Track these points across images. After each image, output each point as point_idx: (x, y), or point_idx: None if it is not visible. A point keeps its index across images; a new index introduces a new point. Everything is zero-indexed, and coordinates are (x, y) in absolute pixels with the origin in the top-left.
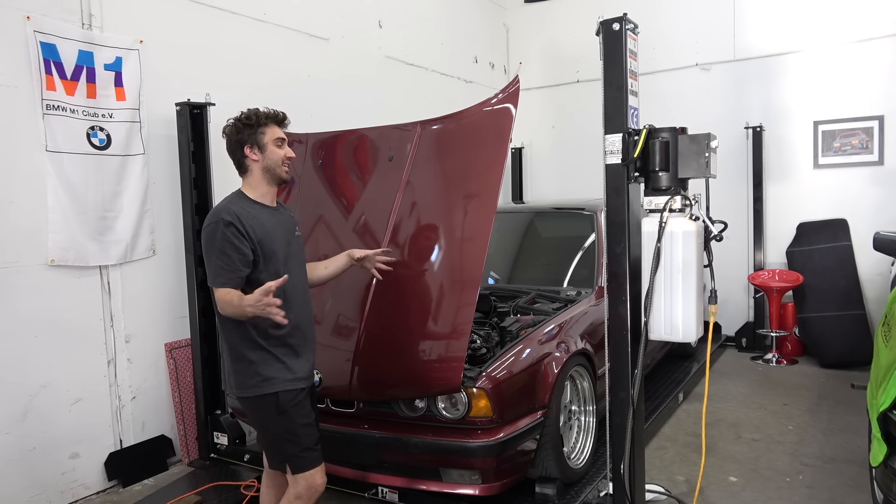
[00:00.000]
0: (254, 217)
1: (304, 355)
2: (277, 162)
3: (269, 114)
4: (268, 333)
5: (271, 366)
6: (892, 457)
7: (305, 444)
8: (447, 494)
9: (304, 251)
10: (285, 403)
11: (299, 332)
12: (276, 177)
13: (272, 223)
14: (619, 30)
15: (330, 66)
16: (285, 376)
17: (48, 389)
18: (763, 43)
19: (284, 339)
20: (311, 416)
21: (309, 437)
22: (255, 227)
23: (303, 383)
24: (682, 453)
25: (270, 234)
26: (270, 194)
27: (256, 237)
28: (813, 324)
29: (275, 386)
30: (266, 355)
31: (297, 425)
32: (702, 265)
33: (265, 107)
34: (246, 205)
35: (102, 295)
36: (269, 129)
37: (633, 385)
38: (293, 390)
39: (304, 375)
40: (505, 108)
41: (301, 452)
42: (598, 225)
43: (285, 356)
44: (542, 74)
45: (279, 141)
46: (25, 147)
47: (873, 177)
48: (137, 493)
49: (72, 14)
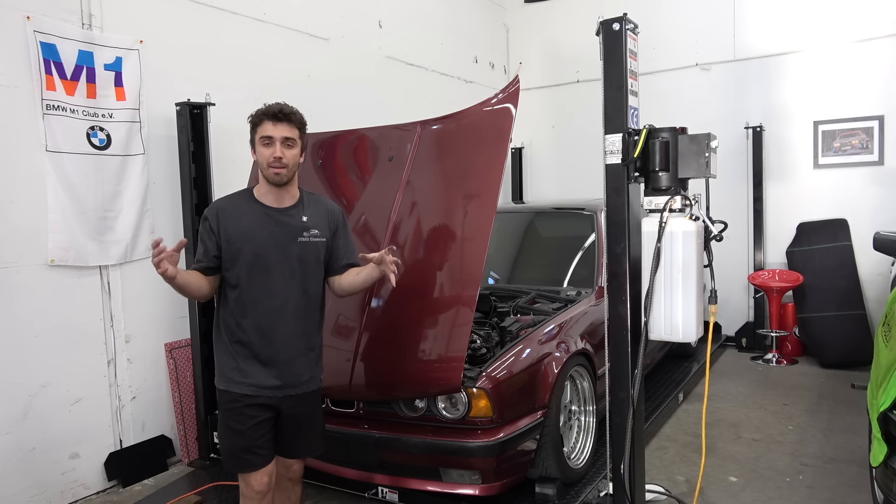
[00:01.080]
0: (234, 216)
1: (270, 366)
2: (262, 163)
3: (260, 110)
4: (231, 330)
5: (225, 362)
6: (892, 457)
7: (231, 448)
8: (447, 494)
9: (309, 257)
10: (223, 402)
11: (267, 341)
12: (266, 178)
13: (256, 225)
14: (619, 30)
15: (330, 66)
16: (233, 377)
17: (48, 389)
18: (763, 43)
19: (246, 342)
20: (247, 425)
21: (236, 442)
22: (229, 225)
23: (251, 390)
24: (682, 453)
25: (247, 235)
26: (274, 194)
27: (226, 236)
28: (813, 324)
29: (220, 382)
30: (224, 350)
31: (226, 427)
32: (702, 265)
33: (272, 102)
34: (240, 200)
35: (102, 295)
36: (261, 127)
37: (633, 385)
38: (235, 393)
39: (258, 384)
40: (505, 108)
41: (233, 453)
42: (598, 225)
43: (242, 358)
44: (542, 74)
45: (265, 139)
46: (25, 147)
47: (873, 177)
48: (137, 493)
49: (72, 14)
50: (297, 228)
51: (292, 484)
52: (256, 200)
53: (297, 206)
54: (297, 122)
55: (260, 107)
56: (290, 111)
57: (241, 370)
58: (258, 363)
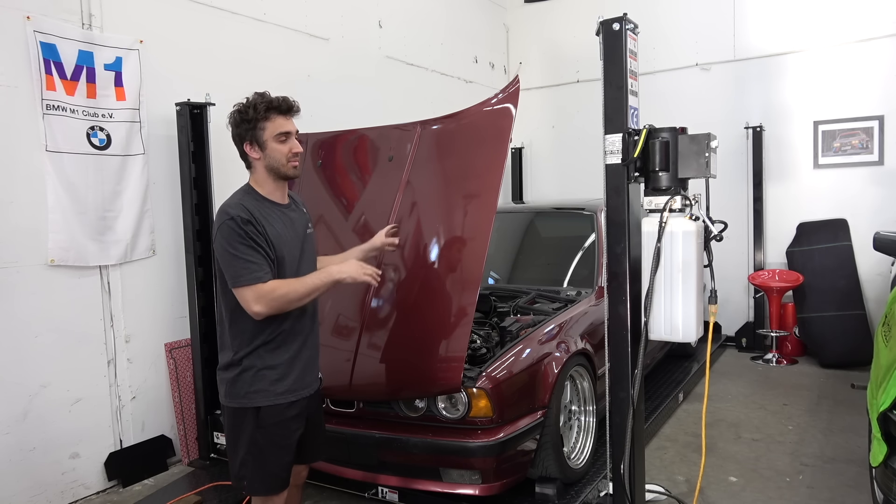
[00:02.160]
0: (266, 218)
1: (308, 367)
2: (281, 160)
3: (270, 104)
4: (273, 339)
5: (265, 375)
6: (892, 457)
7: (274, 467)
8: (447, 494)
9: (314, 249)
10: (268, 420)
11: (304, 342)
12: (283, 175)
13: (283, 225)
14: (619, 30)
15: (330, 66)
16: (275, 388)
17: (48, 389)
18: (763, 43)
19: (288, 347)
20: (292, 438)
21: (282, 459)
22: (267, 228)
23: (293, 396)
24: (682, 453)
25: (281, 238)
26: (280, 190)
27: (269, 238)
28: (813, 324)
29: (261, 399)
30: (265, 362)
31: (271, 445)
32: (702, 265)
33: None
34: (256, 202)
35: (102, 295)
36: (271, 123)
37: (633, 385)
38: (281, 405)
39: (299, 388)
40: (505, 108)
41: (275, 472)
42: (598, 225)
43: (284, 366)
44: (542, 74)
45: (283, 136)
46: (25, 147)
47: (873, 177)
48: (137, 493)
49: (72, 14)
50: (304, 222)
51: (297, 490)
52: (268, 199)
53: (294, 200)
54: (298, 113)
55: (255, 95)
56: (297, 104)
57: (282, 380)
58: (296, 367)
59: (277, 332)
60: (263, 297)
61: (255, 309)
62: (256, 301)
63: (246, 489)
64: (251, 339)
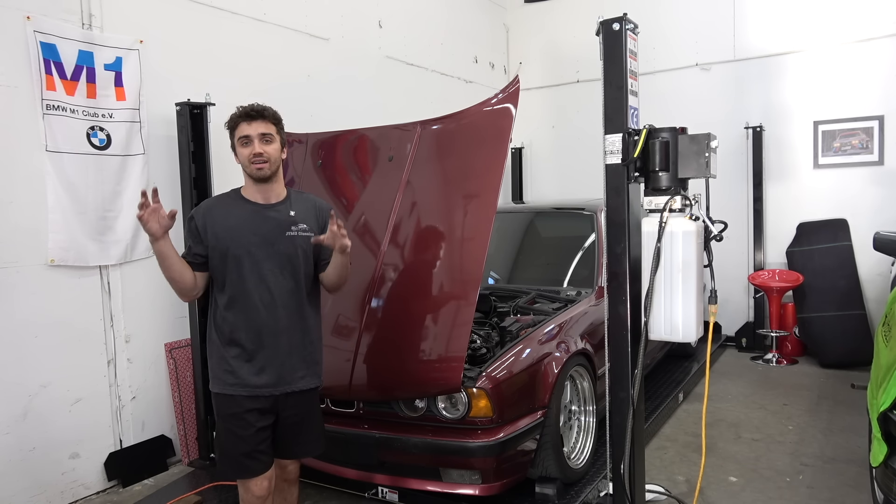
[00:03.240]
0: (221, 215)
1: (265, 364)
2: (244, 162)
3: (237, 113)
4: (223, 331)
5: (218, 364)
6: (892, 457)
7: (232, 453)
8: (447, 494)
9: (298, 251)
10: (222, 407)
11: (260, 338)
12: (250, 175)
13: (245, 221)
14: (619, 30)
15: (330, 66)
16: (227, 379)
17: (48, 389)
18: (763, 43)
19: (240, 342)
20: (249, 430)
21: (239, 447)
22: (216, 223)
23: (247, 391)
24: (682, 453)
25: (234, 232)
26: (262, 192)
27: (213, 234)
28: (813, 324)
29: (216, 386)
30: (217, 352)
31: (227, 432)
32: (702, 265)
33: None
34: (228, 200)
35: (102, 295)
36: (238, 129)
37: (633, 385)
38: (235, 397)
39: (252, 383)
40: (505, 108)
41: (235, 458)
42: (598, 225)
43: (235, 359)
44: (542, 74)
45: (244, 139)
46: (25, 147)
47: (873, 177)
48: (137, 493)
49: (72, 14)
50: (285, 223)
51: (288, 485)
52: (244, 198)
53: (285, 202)
54: (270, 117)
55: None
56: (263, 108)
57: (234, 372)
58: (252, 362)
59: (228, 321)
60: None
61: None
62: None
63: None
64: (210, 322)
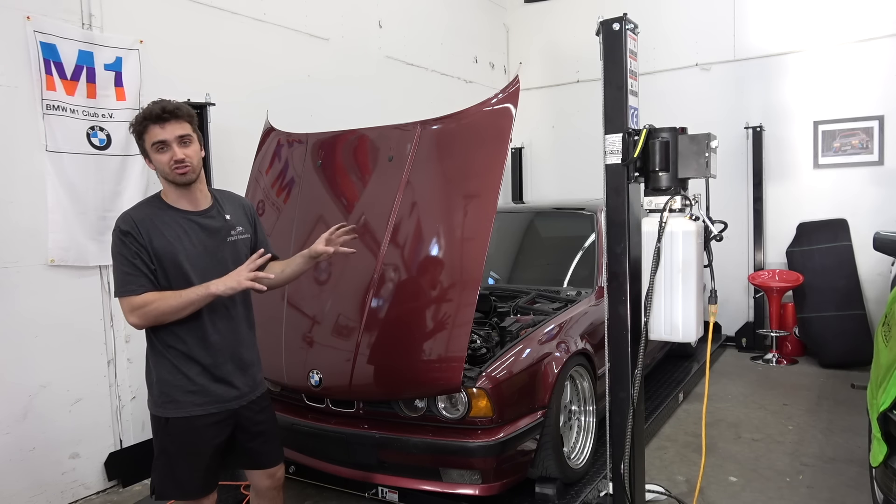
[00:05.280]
0: (154, 228)
1: (230, 377)
2: (164, 169)
3: (146, 113)
4: (180, 350)
5: (176, 385)
6: (892, 457)
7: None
8: (447, 494)
9: (242, 254)
10: (177, 432)
11: (220, 351)
12: (174, 182)
13: (181, 233)
14: (619, 30)
15: (330, 66)
16: (188, 399)
17: (48, 389)
18: (763, 43)
19: (199, 359)
20: (209, 445)
21: (196, 465)
22: (153, 239)
23: (214, 407)
24: (682, 453)
25: (174, 248)
26: (188, 197)
27: (153, 251)
28: (813, 324)
29: (171, 410)
30: (172, 372)
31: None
32: (702, 265)
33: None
34: (153, 210)
35: (102, 295)
36: (148, 134)
37: (633, 385)
38: (194, 417)
39: (219, 398)
40: (505, 108)
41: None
42: (598, 225)
43: (198, 376)
44: (542, 74)
45: (159, 145)
46: (25, 147)
47: (873, 177)
48: (137, 493)
49: (72, 14)
50: (224, 229)
51: (277, 492)
52: (172, 207)
53: (214, 205)
54: (185, 116)
55: (143, 108)
56: (174, 107)
57: (198, 391)
58: (217, 377)
59: (181, 338)
60: (137, 309)
61: (131, 320)
62: (131, 313)
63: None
64: (159, 348)
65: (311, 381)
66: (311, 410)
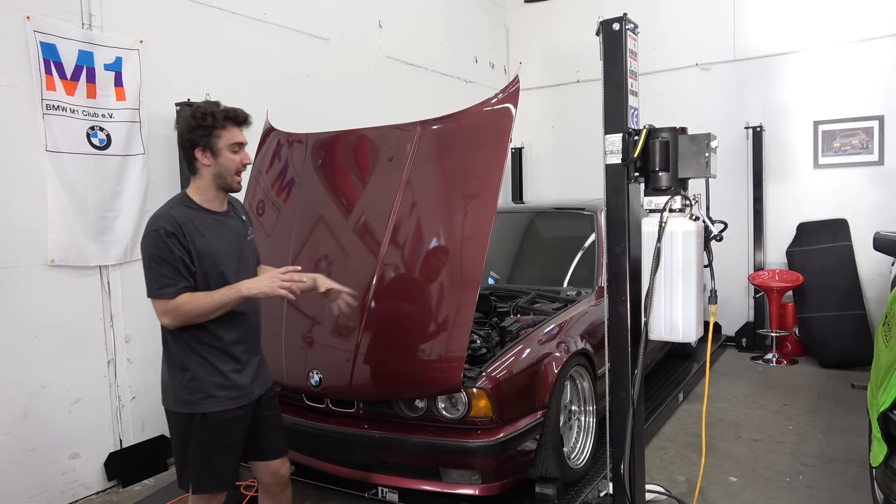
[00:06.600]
0: (196, 228)
1: (256, 370)
2: (231, 169)
3: (228, 114)
4: (213, 346)
5: (209, 381)
6: (892, 457)
7: (222, 464)
8: (447, 494)
9: (256, 255)
10: (213, 424)
11: (249, 346)
12: (226, 185)
13: (217, 234)
14: (619, 30)
15: (330, 65)
16: (223, 394)
17: (48, 389)
18: (763, 43)
19: (233, 355)
20: (238, 437)
21: (229, 455)
22: (195, 239)
23: (245, 400)
24: (682, 453)
25: (212, 248)
26: (219, 199)
27: (195, 251)
28: (813, 324)
29: (207, 405)
30: (205, 368)
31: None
32: (702, 265)
33: (222, 104)
34: (189, 211)
35: (102, 295)
36: (227, 133)
37: (633, 385)
38: (228, 410)
39: (249, 391)
40: (505, 108)
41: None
42: (598, 225)
43: (231, 372)
44: (542, 74)
45: (236, 146)
46: (25, 147)
47: (873, 177)
48: (137, 493)
49: (72, 14)
50: (243, 229)
51: (282, 488)
52: (202, 208)
53: (230, 207)
54: (251, 125)
55: (208, 103)
56: (249, 115)
57: (231, 385)
58: (244, 371)
59: (217, 336)
60: (171, 311)
61: (164, 321)
62: (164, 313)
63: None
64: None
65: (311, 381)
66: (311, 410)
